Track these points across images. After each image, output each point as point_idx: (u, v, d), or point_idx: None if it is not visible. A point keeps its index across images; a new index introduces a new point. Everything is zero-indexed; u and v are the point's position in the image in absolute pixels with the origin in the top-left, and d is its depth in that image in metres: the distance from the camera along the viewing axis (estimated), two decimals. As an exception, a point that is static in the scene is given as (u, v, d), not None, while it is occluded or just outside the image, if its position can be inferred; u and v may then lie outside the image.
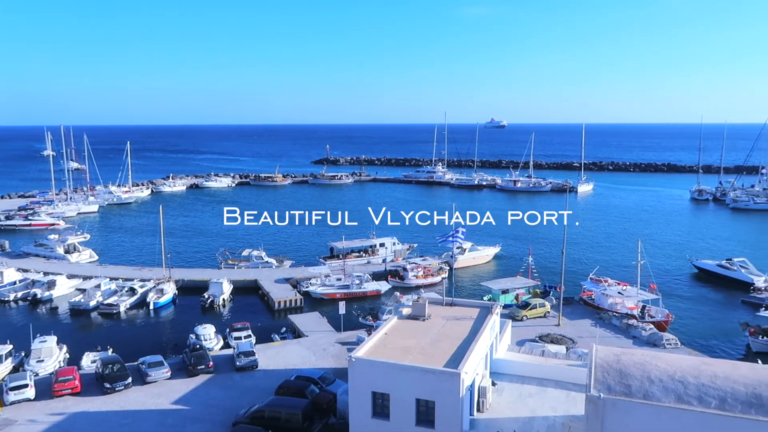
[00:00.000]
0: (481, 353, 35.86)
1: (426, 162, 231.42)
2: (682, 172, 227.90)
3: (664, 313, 59.10)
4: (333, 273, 73.41)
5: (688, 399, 27.03)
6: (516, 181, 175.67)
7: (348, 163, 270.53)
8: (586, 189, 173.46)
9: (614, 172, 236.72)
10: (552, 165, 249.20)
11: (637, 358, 29.97)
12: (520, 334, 54.02)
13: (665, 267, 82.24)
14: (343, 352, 50.15)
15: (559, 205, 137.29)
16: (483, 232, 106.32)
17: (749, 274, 73.61)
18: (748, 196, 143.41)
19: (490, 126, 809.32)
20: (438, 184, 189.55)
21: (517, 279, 68.98)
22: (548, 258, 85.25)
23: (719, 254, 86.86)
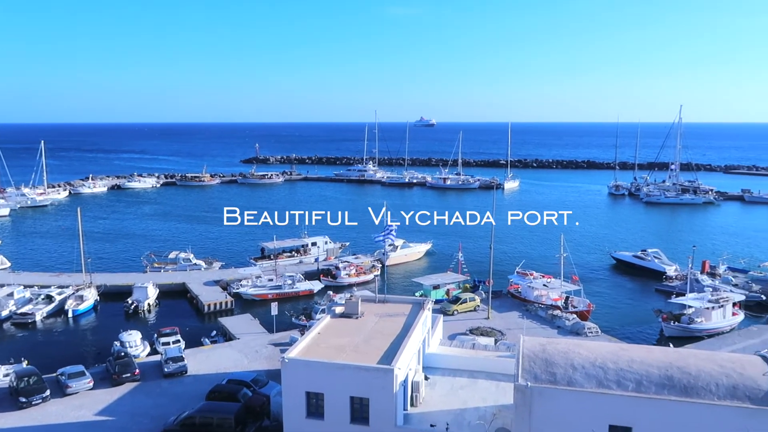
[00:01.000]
0: (414, 348, 36.38)
1: (357, 160, 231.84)
2: (601, 168, 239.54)
3: (585, 303, 62.02)
4: (264, 273, 72.31)
5: (608, 383, 28.52)
6: (445, 179, 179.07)
7: (278, 162, 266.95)
8: (513, 186, 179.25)
9: (538, 169, 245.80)
10: (480, 163, 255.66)
11: (561, 347, 31.29)
12: (452, 328, 55.15)
13: (586, 259, 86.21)
14: (276, 353, 49.53)
15: (487, 202, 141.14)
16: (414, 229, 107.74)
17: (662, 264, 78.37)
18: (660, 190, 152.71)
19: (420, 125, 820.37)
20: (369, 182, 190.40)
21: (448, 274, 70.40)
22: (477, 253, 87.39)
23: (635, 245, 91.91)
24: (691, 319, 56.72)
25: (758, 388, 27.29)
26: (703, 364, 29.01)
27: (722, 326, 57.13)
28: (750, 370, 28.36)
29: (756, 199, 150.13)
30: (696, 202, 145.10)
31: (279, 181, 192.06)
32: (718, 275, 73.18)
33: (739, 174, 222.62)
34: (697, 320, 56.63)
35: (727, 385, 27.63)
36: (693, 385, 27.85)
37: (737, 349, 50.90)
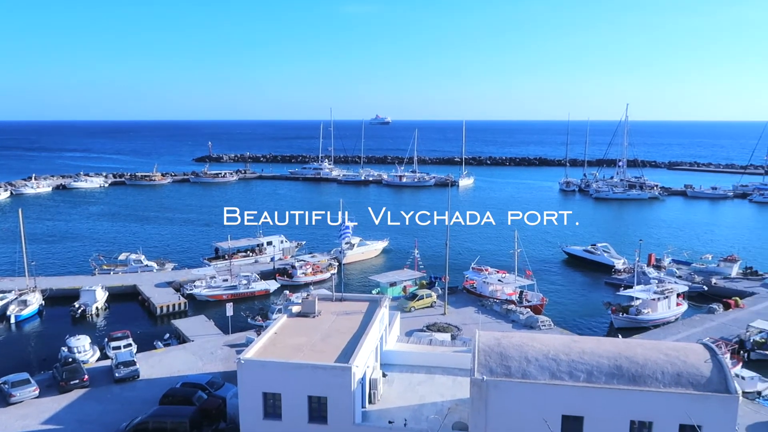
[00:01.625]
0: (371, 346, 36.45)
1: (312, 158, 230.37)
2: (552, 165, 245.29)
3: (539, 297, 63.45)
4: (219, 274, 71.09)
5: (560, 375, 29.26)
6: (401, 177, 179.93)
7: (232, 160, 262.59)
8: (467, 183, 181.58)
9: (492, 166, 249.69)
10: (435, 160, 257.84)
11: (515, 341, 31.92)
12: (409, 324, 55.51)
13: (539, 254, 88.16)
14: (231, 354, 48.78)
15: (443, 199, 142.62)
16: (371, 226, 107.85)
17: (611, 258, 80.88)
18: (608, 186, 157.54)
19: (375, 122, 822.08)
20: (325, 180, 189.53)
21: (404, 271, 70.80)
22: (433, 250, 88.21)
23: (585, 240, 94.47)
24: (639, 311, 58.74)
25: (701, 375, 28.50)
26: (649, 354, 30.09)
27: (667, 316, 59.39)
28: (693, 358, 29.58)
29: (697, 194, 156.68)
30: (642, 197, 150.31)
31: (233, 180, 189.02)
32: (663, 267, 76.03)
33: (681, 170, 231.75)
34: (644, 311, 58.67)
35: (672, 373, 28.75)
36: (640, 374, 28.87)
37: (681, 338, 53.07)
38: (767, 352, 51.00)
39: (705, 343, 32.57)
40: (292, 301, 54.13)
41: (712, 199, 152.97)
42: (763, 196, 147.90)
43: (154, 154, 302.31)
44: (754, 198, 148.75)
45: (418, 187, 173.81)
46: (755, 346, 51.70)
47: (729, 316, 60.11)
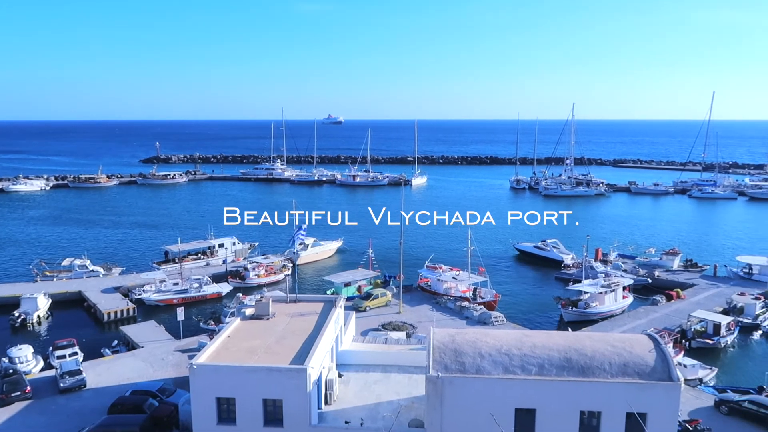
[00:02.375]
0: (327, 347, 36.29)
1: (264, 159, 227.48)
2: (503, 164, 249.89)
3: (492, 293, 64.58)
4: (169, 278, 69.35)
5: (513, 369, 29.86)
6: (355, 176, 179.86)
7: (181, 161, 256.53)
8: (420, 182, 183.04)
9: (444, 165, 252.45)
10: (388, 160, 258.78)
11: (469, 337, 32.38)
12: (364, 324, 55.57)
13: (492, 251, 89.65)
14: (183, 360, 47.70)
15: (396, 198, 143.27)
16: (325, 226, 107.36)
17: (560, 254, 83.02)
18: (557, 184, 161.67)
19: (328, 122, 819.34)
20: (278, 180, 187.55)
21: (359, 271, 70.81)
22: (387, 249, 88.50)
23: (535, 236, 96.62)
24: (587, 304, 60.52)
25: (646, 365, 29.60)
26: (597, 346, 31.05)
27: (614, 309, 61.41)
28: (638, 349, 30.70)
29: (641, 190, 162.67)
30: (589, 194, 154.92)
31: (182, 181, 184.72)
32: (610, 262, 78.57)
33: (625, 167, 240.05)
34: (592, 305, 60.49)
35: (618, 363, 29.76)
36: (589, 365, 29.76)
37: (627, 329, 54.98)
38: (707, 340, 53.42)
39: (649, 333, 33.82)
40: (246, 304, 53.24)
41: (654, 194, 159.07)
42: (701, 192, 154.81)
43: (98, 156, 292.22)
44: (693, 193, 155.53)
45: (372, 187, 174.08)
46: (696, 335, 54.07)
47: (671, 307, 62.66)
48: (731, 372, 49.68)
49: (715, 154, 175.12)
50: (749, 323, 58.44)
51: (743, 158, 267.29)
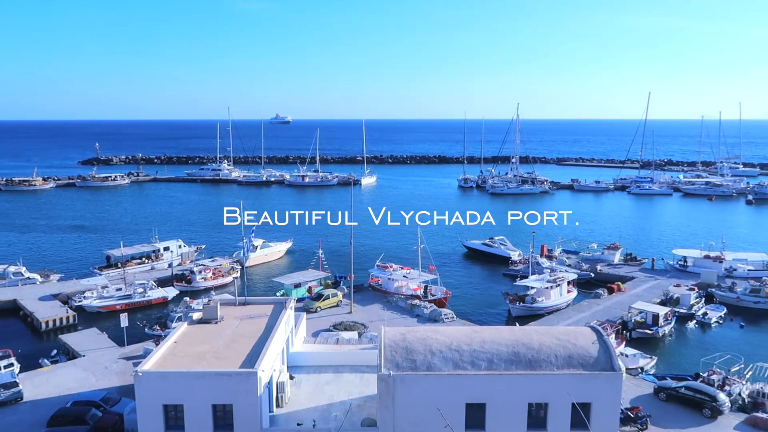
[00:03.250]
0: (277, 349, 35.90)
1: (210, 159, 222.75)
2: (451, 163, 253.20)
3: (443, 290, 65.36)
4: (111, 283, 67.01)
5: (463, 365, 30.32)
6: (304, 176, 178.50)
7: (122, 162, 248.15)
8: (370, 181, 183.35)
9: (394, 164, 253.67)
10: (337, 159, 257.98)
11: (420, 335, 32.67)
12: (315, 325, 55.25)
13: (441, 249, 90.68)
14: (128, 367, 46.19)
15: (346, 198, 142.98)
16: (274, 228, 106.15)
17: (507, 250, 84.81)
18: (503, 182, 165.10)
19: (276, 122, 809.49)
20: (225, 181, 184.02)
21: (309, 272, 70.31)
22: (338, 249, 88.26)
23: (483, 234, 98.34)
24: (534, 299, 62.07)
25: (589, 356, 30.62)
26: (544, 339, 31.89)
27: (559, 303, 63.22)
28: (582, 341, 31.71)
29: (583, 187, 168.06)
30: (534, 191, 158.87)
31: (124, 183, 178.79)
32: (555, 257, 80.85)
33: (568, 165, 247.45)
34: (538, 299, 62.08)
35: (564, 356, 30.65)
36: (536, 359, 30.53)
37: (572, 322, 56.71)
38: (646, 330, 55.71)
39: (592, 326, 34.99)
40: (193, 308, 52.04)
41: (595, 191, 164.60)
42: (639, 188, 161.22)
43: (32, 157, 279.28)
44: (632, 190, 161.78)
45: (321, 187, 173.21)
46: (636, 325, 56.32)
47: (613, 300, 65.03)
48: (669, 360, 51.97)
49: (652, 152, 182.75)
50: (685, 313, 61.29)
51: (677, 156, 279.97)
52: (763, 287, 65.13)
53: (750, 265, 74.73)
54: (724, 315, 61.94)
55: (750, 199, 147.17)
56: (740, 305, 64.21)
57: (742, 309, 63.78)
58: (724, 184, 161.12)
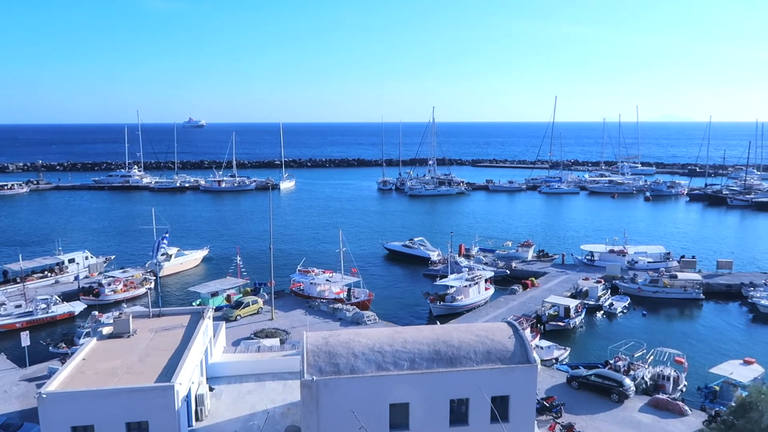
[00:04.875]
0: (195, 360, 34.68)
1: (119, 165, 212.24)
2: (370, 166, 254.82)
3: (366, 293, 65.59)
4: (9, 300, 62.24)
5: (386, 365, 30.53)
6: (220, 182, 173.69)
7: (20, 170, 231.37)
8: (289, 185, 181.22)
9: (313, 168, 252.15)
10: (255, 164, 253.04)
11: (342, 338, 32.59)
12: (236, 333, 53.89)
13: (363, 251, 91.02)
14: (31, 390, 43.03)
15: (265, 203, 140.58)
16: (190, 234, 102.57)
17: (427, 251, 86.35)
18: (421, 184, 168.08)
19: (189, 125, 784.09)
20: (135, 188, 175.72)
21: (227, 279, 68.44)
22: (257, 255, 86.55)
23: (403, 235, 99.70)
24: (453, 298, 63.56)
25: (506, 350, 31.69)
26: (463, 336, 32.69)
27: (478, 300, 65.10)
28: (499, 336, 32.78)
29: (498, 187, 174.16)
30: (451, 192, 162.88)
31: (23, 192, 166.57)
32: (472, 256, 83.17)
33: (483, 167, 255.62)
34: (458, 298, 63.63)
35: (483, 351, 31.56)
36: (456, 356, 31.25)
37: (489, 318, 58.54)
38: (559, 323, 58.46)
39: (508, 321, 36.22)
40: (102, 322, 49.31)
41: (509, 191, 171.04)
42: (549, 188, 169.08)
43: None
44: (542, 189, 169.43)
45: (239, 192, 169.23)
46: (549, 318, 58.98)
47: (527, 295, 67.74)
48: (581, 350, 54.75)
49: (560, 153, 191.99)
50: (593, 305, 64.87)
51: (582, 156, 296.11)
52: (661, 278, 70.11)
53: (649, 258, 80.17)
54: (628, 305, 66.12)
55: (648, 196, 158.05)
56: (641, 295, 68.77)
57: (644, 298, 68.35)
58: (625, 183, 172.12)
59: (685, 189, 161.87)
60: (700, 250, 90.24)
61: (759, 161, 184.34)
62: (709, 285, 70.69)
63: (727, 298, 69.54)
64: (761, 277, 73.10)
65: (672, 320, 63.37)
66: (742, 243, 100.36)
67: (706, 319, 63.71)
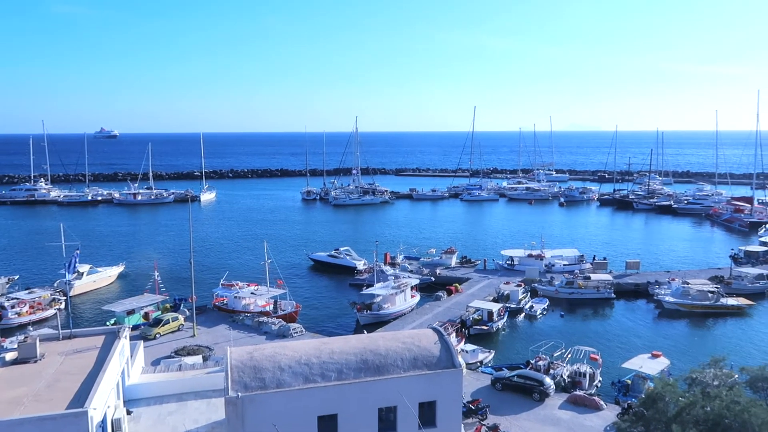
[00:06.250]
0: (111, 383, 32.87)
1: (23, 179, 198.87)
2: (294, 176, 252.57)
3: (293, 305, 64.69)
4: None
5: (313, 378, 30.19)
6: (136, 194, 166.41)
7: None
8: (209, 197, 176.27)
9: (235, 179, 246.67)
10: (173, 175, 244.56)
11: (268, 352, 31.93)
12: (155, 352, 51.67)
13: (289, 262, 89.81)
14: None
15: (184, 216, 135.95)
16: (105, 251, 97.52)
17: (352, 260, 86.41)
18: (345, 193, 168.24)
19: (101, 136, 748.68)
20: (42, 202, 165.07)
21: (144, 296, 65.43)
22: (177, 269, 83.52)
23: (329, 245, 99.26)
24: (380, 306, 63.87)
25: (432, 356, 32.16)
26: (390, 344, 32.88)
27: (404, 308, 65.74)
28: (425, 342, 33.23)
29: (421, 196, 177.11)
30: (375, 201, 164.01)
31: None
32: (398, 264, 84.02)
33: (407, 176, 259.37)
34: (384, 306, 64.00)
35: (409, 358, 31.86)
36: (384, 364, 31.37)
37: (416, 325, 59.29)
38: (483, 326, 60.02)
39: (434, 327, 36.79)
40: (6, 348, 45.83)
41: (432, 200, 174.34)
42: (470, 195, 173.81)
43: None
44: (464, 197, 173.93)
45: (156, 205, 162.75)
46: (474, 323, 60.44)
47: (452, 301, 69.16)
48: (505, 351, 56.44)
49: (479, 162, 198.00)
50: (515, 308, 67.12)
51: (501, 164, 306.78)
52: (576, 279, 73.60)
53: (565, 261, 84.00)
54: (547, 306, 68.91)
55: (562, 201, 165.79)
56: (559, 297, 71.89)
57: (561, 300, 71.47)
58: (541, 189, 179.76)
59: (596, 194, 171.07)
60: (611, 252, 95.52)
61: (660, 167, 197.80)
62: (619, 285, 74.94)
63: (636, 297, 73.96)
64: (665, 275, 78.35)
65: (587, 319, 66.61)
66: (647, 244, 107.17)
67: (618, 317, 67.45)
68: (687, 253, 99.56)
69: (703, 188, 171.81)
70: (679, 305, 67.38)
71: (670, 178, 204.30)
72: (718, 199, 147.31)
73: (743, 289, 72.96)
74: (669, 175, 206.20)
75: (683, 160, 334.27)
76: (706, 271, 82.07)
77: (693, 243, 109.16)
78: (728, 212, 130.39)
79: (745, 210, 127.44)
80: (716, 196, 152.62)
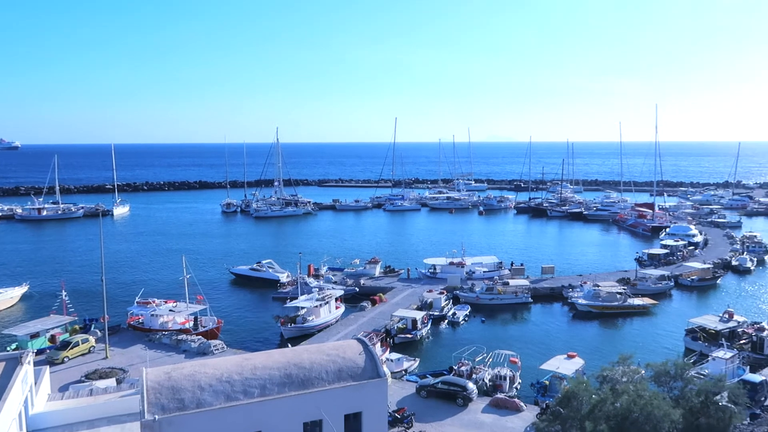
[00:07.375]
0: (12, 413, 30.51)
1: None
2: (213, 188, 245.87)
3: (214, 320, 62.62)
4: None
5: (235, 395, 29.36)
6: (41, 209, 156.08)
7: None
8: (123, 211, 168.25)
9: (150, 192, 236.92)
10: (82, 189, 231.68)
11: (186, 371, 30.77)
12: (64, 377, 48.53)
13: (209, 277, 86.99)
14: None
15: (95, 231, 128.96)
16: (5, 271, 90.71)
17: (275, 273, 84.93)
18: (267, 205, 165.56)
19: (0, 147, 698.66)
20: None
21: (51, 318, 61.29)
22: (87, 288, 78.97)
23: (250, 259, 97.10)
24: (305, 319, 63.10)
25: (357, 367, 32.12)
26: (314, 357, 32.56)
27: (329, 320, 65.28)
28: (349, 353, 33.15)
29: (344, 207, 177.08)
30: (297, 213, 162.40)
31: None
32: (322, 276, 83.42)
33: (329, 187, 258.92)
34: (309, 319, 63.29)
35: (334, 370, 31.67)
36: (308, 377, 31.01)
37: (341, 336, 58.99)
38: (407, 335, 60.59)
39: (359, 338, 36.80)
40: None
41: (356, 210, 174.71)
42: (393, 205, 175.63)
43: None
44: (387, 207, 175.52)
45: (64, 220, 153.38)
46: (398, 331, 60.89)
47: (377, 310, 69.42)
48: (429, 359, 57.16)
49: (401, 172, 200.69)
50: (438, 315, 68.24)
51: (422, 174, 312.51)
52: (495, 285, 75.94)
53: (485, 267, 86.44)
54: (469, 313, 70.58)
55: (481, 210, 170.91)
56: (480, 303, 73.86)
57: (482, 306, 73.46)
58: (461, 198, 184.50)
59: (513, 203, 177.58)
60: (527, 258, 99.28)
61: (571, 176, 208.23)
62: (535, 289, 78.02)
63: (551, 300, 77.22)
64: (578, 279, 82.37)
65: (507, 324, 68.79)
66: (561, 249, 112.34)
67: (535, 320, 70.13)
68: (597, 257, 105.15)
69: (609, 195, 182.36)
70: (591, 307, 70.97)
71: (580, 187, 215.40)
72: (623, 205, 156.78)
73: (647, 290, 77.92)
74: (579, 184, 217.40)
75: (592, 169, 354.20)
76: (614, 273, 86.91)
77: (602, 247, 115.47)
78: (633, 218, 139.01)
79: (648, 215, 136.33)
80: (622, 203, 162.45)
